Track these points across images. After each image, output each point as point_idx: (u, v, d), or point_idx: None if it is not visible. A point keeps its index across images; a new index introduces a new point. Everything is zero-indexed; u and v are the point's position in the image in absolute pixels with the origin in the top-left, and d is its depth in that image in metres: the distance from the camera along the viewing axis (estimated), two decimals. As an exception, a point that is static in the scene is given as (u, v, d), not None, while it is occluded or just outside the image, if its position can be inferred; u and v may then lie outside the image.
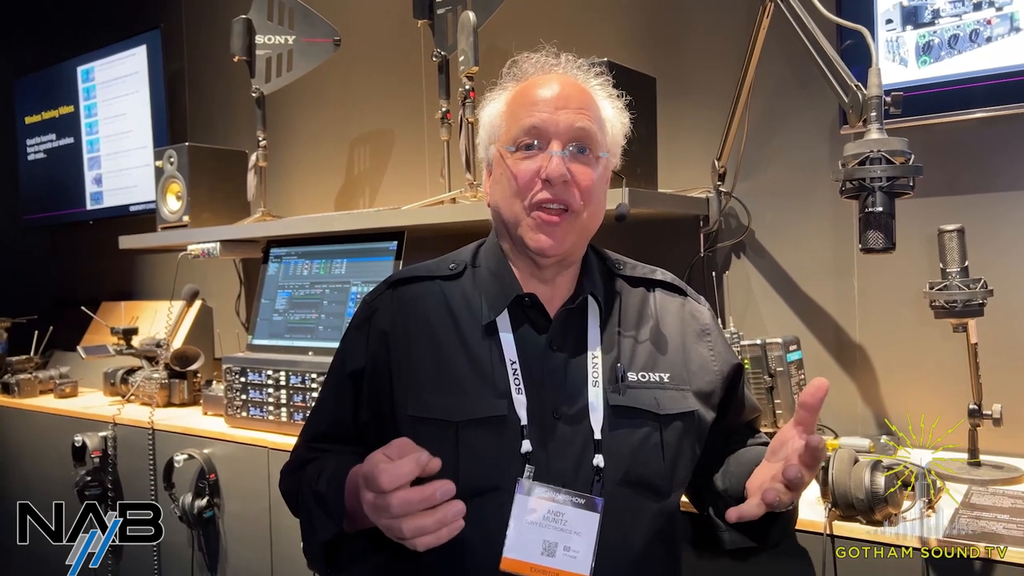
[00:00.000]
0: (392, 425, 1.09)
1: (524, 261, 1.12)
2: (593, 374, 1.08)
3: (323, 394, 1.23)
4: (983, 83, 1.60)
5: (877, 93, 1.11)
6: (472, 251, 1.20)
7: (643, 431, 1.09)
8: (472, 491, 1.00)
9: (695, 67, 2.02)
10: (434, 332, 1.11)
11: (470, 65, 1.93)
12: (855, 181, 1.09)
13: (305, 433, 1.24)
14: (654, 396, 1.10)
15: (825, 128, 1.84)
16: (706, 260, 1.97)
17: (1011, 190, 1.65)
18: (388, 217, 2.04)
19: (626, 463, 1.06)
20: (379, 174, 2.69)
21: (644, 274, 1.22)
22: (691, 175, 2.00)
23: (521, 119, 1.07)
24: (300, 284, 2.22)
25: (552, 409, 1.06)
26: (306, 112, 2.88)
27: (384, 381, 1.11)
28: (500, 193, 1.10)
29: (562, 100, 1.08)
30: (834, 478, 1.27)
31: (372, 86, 2.68)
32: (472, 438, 1.03)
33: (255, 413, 2.11)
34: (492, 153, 1.13)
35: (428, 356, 1.10)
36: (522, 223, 1.07)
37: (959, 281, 1.40)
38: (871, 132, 1.12)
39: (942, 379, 1.70)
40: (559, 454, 1.04)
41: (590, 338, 1.11)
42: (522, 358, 1.08)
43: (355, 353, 1.16)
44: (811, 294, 1.90)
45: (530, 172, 1.06)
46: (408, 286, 1.17)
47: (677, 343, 1.17)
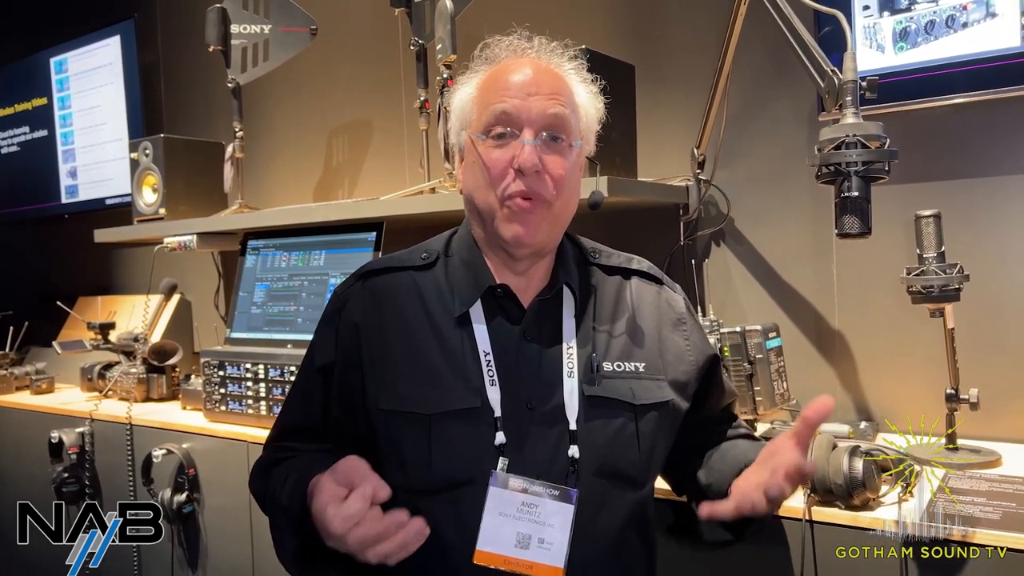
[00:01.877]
0: (364, 419, 1.08)
1: (497, 251, 1.10)
2: (568, 365, 1.07)
3: (293, 389, 1.20)
4: (960, 69, 1.60)
5: (852, 78, 1.11)
6: (445, 240, 1.17)
7: (618, 422, 1.08)
8: (446, 484, 1.00)
9: (674, 54, 2.02)
10: (407, 324, 1.09)
11: (448, 53, 1.91)
12: (831, 166, 1.09)
13: (275, 429, 1.21)
14: (629, 387, 1.09)
15: (804, 115, 1.84)
16: (686, 248, 1.97)
17: (988, 175, 1.65)
18: (366, 208, 2.02)
19: (601, 454, 1.05)
20: (358, 165, 2.66)
21: (620, 263, 1.20)
22: (670, 163, 1.99)
23: (491, 105, 1.05)
24: (278, 276, 2.20)
25: (526, 401, 1.04)
26: (284, 102, 2.84)
27: (355, 375, 1.09)
28: (472, 182, 1.08)
29: (534, 85, 1.05)
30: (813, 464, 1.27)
31: (350, 76, 2.65)
32: (445, 431, 1.02)
33: (234, 407, 2.08)
34: (464, 139, 1.11)
35: (400, 349, 1.07)
36: (496, 214, 1.05)
37: (936, 266, 1.40)
38: (846, 117, 1.11)
39: (920, 364, 1.71)
40: (533, 446, 1.03)
41: (565, 329, 1.09)
42: (496, 349, 1.06)
43: (325, 347, 1.13)
44: (790, 281, 1.90)
45: (502, 162, 1.03)
46: (379, 277, 1.14)
47: (653, 333, 1.16)
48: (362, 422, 1.08)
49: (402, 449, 1.03)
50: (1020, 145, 1.62)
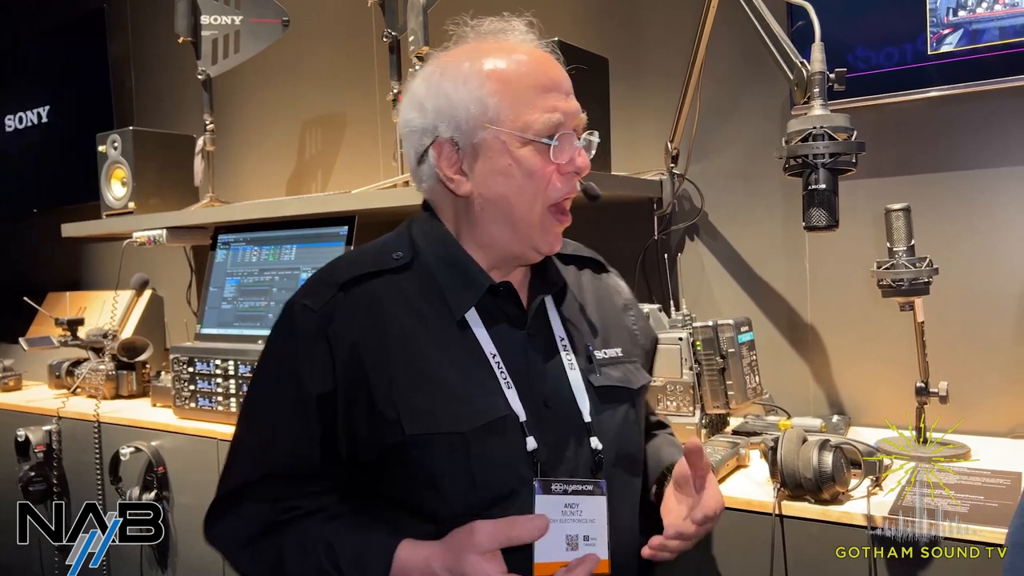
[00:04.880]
0: (379, 451, 0.95)
1: (487, 251, 1.03)
2: (568, 358, 1.05)
3: (259, 429, 1.01)
4: (932, 63, 1.60)
5: (820, 69, 1.10)
6: (406, 239, 1.06)
7: (623, 408, 1.08)
8: (491, 501, 0.94)
9: (648, 47, 2.01)
10: (407, 336, 0.97)
11: (420, 45, 1.88)
12: (798, 158, 1.08)
13: (236, 481, 1.01)
14: (622, 372, 1.09)
15: (776, 110, 1.84)
16: (660, 243, 1.97)
17: (959, 169, 1.66)
18: (338, 201, 1.99)
19: (615, 443, 1.04)
20: (331, 158, 2.63)
21: (573, 251, 1.18)
22: (644, 157, 1.99)
23: (541, 106, 0.97)
24: (249, 271, 2.17)
25: (543, 399, 1.00)
26: (255, 95, 2.81)
27: (362, 402, 0.95)
28: (510, 187, 0.97)
29: (566, 84, 1.00)
30: (782, 458, 1.27)
31: (323, 68, 2.62)
32: (483, 445, 0.94)
33: (204, 404, 2.05)
34: (482, 138, 0.97)
35: (408, 364, 0.96)
36: (536, 224, 0.99)
37: (905, 260, 1.41)
38: (814, 108, 1.11)
39: (892, 358, 1.72)
40: (559, 444, 1.00)
41: (553, 322, 1.07)
42: (501, 351, 1.00)
43: (316, 372, 0.96)
44: (763, 275, 1.90)
45: (551, 167, 0.97)
46: (363, 286, 1.00)
47: (616, 318, 1.16)
48: (374, 456, 0.95)
49: (439, 474, 0.94)
50: (989, 140, 1.63)
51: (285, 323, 1.02)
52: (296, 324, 1.00)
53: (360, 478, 0.98)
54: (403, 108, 1.04)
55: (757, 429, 1.71)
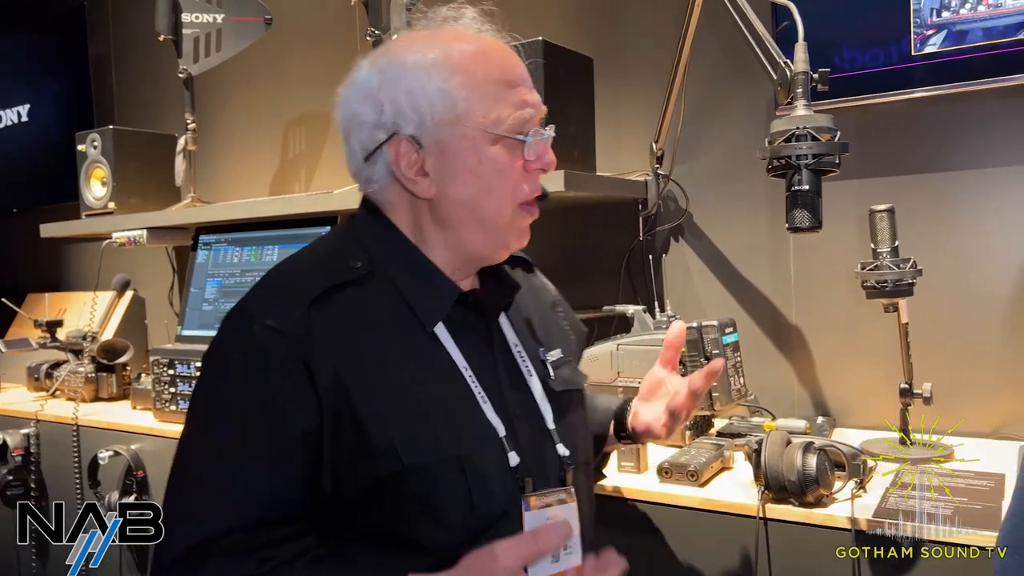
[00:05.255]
0: (368, 485, 0.86)
1: (451, 255, 0.97)
2: (524, 365, 1.02)
3: (233, 470, 0.85)
4: (916, 64, 1.60)
5: (804, 69, 1.09)
6: (358, 245, 0.96)
7: (577, 411, 1.07)
8: (487, 524, 0.89)
9: (633, 47, 2.00)
10: (385, 355, 0.90)
11: (403, 44, 1.87)
12: (781, 159, 1.07)
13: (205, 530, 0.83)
14: (569, 373, 1.08)
15: (761, 110, 1.84)
16: (644, 244, 1.96)
17: (944, 170, 1.66)
18: (321, 202, 1.97)
19: (576, 446, 1.03)
20: (314, 157, 2.61)
21: None
22: (629, 158, 1.98)
23: (511, 102, 0.92)
24: (230, 272, 2.15)
25: (513, 410, 0.97)
26: (238, 94, 2.78)
27: (348, 433, 0.85)
28: (479, 187, 0.92)
29: (528, 77, 0.97)
30: (766, 461, 1.27)
31: (306, 66, 2.60)
32: (479, 466, 0.90)
33: (184, 406, 2.03)
34: (450, 135, 0.91)
35: (393, 387, 0.89)
36: (507, 223, 0.95)
37: (889, 261, 1.40)
38: (797, 108, 1.10)
39: (876, 359, 1.71)
40: (531, 454, 0.96)
41: (505, 327, 1.04)
42: (471, 363, 0.95)
43: (299, 407, 0.85)
44: (748, 276, 1.90)
45: (520, 164, 0.93)
46: (331, 300, 0.89)
47: (549, 318, 1.14)
48: (360, 489, 0.87)
49: (439, 501, 0.87)
50: (973, 141, 1.63)
51: (245, 346, 0.87)
52: (263, 350, 0.86)
53: (338, 514, 0.88)
54: (348, 100, 0.95)
55: (742, 431, 1.70)
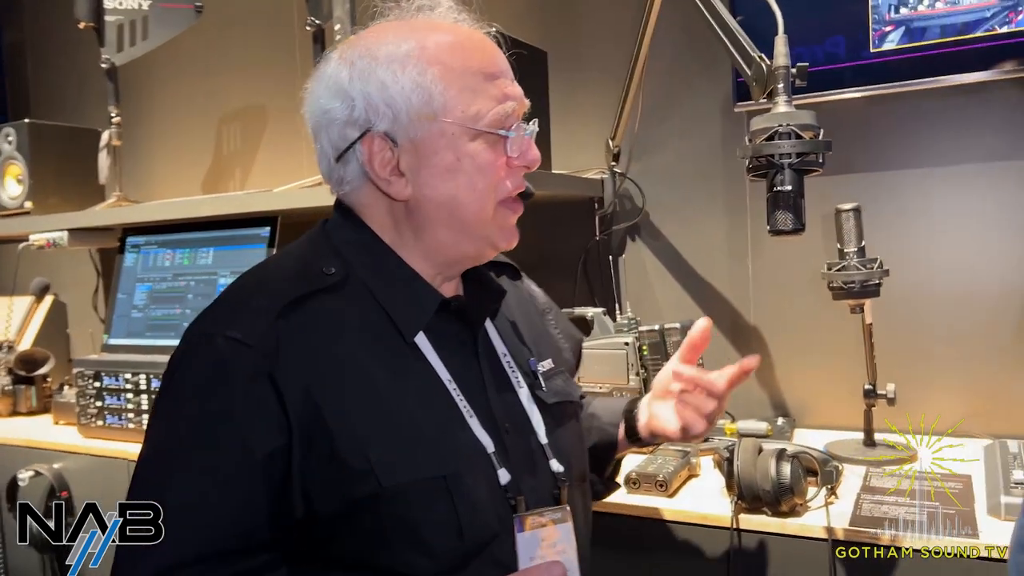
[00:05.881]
0: (342, 509, 0.80)
1: (431, 259, 0.91)
2: (514, 376, 0.96)
3: (195, 493, 0.79)
4: (876, 60, 1.58)
5: (784, 63, 1.04)
6: (330, 250, 0.91)
7: (571, 424, 1.01)
8: (477, 548, 0.83)
9: (590, 40, 1.94)
10: (361, 369, 0.83)
11: (347, 33, 1.77)
12: (763, 158, 1.02)
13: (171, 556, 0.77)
14: (561, 384, 1.02)
15: (718, 107, 1.80)
16: (601, 244, 1.90)
17: (902, 168, 1.65)
18: (260, 200, 1.86)
19: (571, 461, 0.97)
20: (251, 154, 2.48)
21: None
22: (585, 155, 1.92)
23: (491, 95, 0.87)
24: (161, 276, 2.01)
25: (503, 424, 0.90)
26: (168, 86, 2.62)
27: (321, 454, 0.79)
28: (459, 185, 0.87)
29: (509, 68, 0.91)
30: (739, 470, 1.22)
31: (241, 58, 2.46)
32: (463, 486, 0.83)
33: (112, 421, 1.89)
34: (427, 131, 0.86)
35: (370, 403, 0.82)
36: (491, 221, 0.89)
37: (856, 261, 1.38)
38: (778, 105, 1.05)
39: (836, 359, 1.70)
40: (524, 472, 0.90)
41: (492, 336, 0.98)
42: (455, 375, 0.89)
43: (264, 425, 0.79)
44: (706, 277, 1.86)
45: (502, 160, 0.88)
46: (301, 309, 0.83)
47: (538, 327, 1.08)
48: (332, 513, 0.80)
49: (423, 526, 0.81)
50: (932, 138, 1.62)
51: (207, 360, 0.82)
52: (226, 364, 0.80)
53: (311, 540, 0.82)
54: (317, 95, 0.89)
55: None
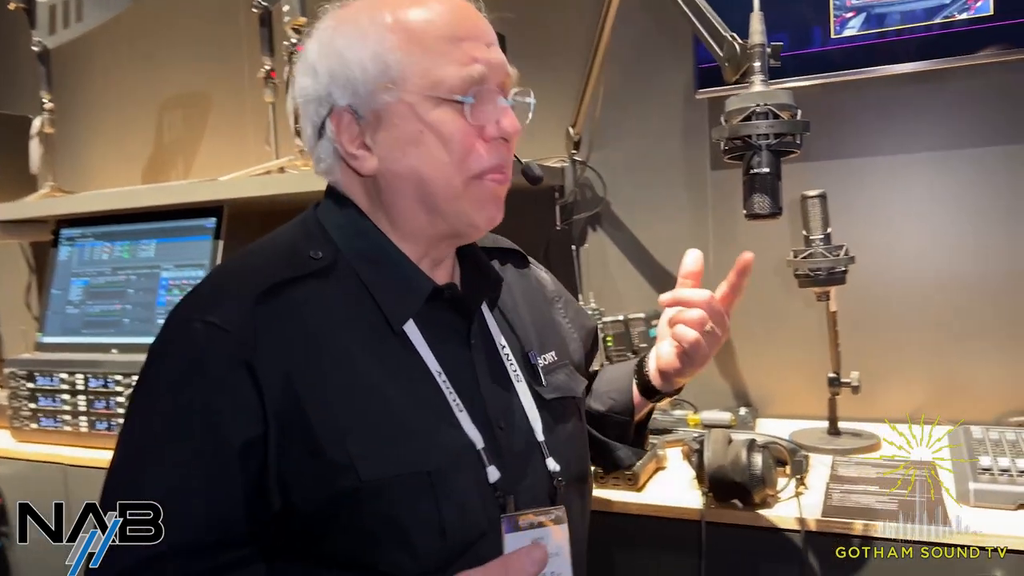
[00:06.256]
0: (323, 504, 0.76)
1: (421, 241, 0.87)
2: (512, 369, 0.91)
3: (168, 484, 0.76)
4: (835, 47, 1.57)
5: (760, 41, 1.01)
6: (320, 232, 0.88)
7: (572, 421, 0.97)
8: (462, 547, 0.79)
9: (550, 24, 1.89)
10: (345, 358, 0.80)
11: (296, 16, 1.70)
12: (739, 139, 0.99)
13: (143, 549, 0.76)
14: (564, 379, 0.98)
15: (679, 94, 1.77)
16: (563, 234, 1.86)
17: (862, 156, 1.65)
18: (204, 190, 1.77)
19: (569, 460, 0.92)
20: (195, 142, 2.37)
21: (493, 243, 1.05)
22: (544, 143, 1.87)
23: (455, 60, 0.81)
24: (99, 270, 1.90)
25: (495, 419, 0.86)
26: (105, 71, 2.49)
27: (300, 445, 0.76)
28: (422, 159, 0.82)
29: (486, 32, 0.84)
30: (709, 461, 1.20)
31: (184, 41, 2.35)
32: (449, 483, 0.79)
33: (47, 424, 1.78)
34: (385, 103, 0.82)
35: (353, 393, 0.79)
36: (463, 196, 0.84)
37: (823, 248, 1.36)
38: (755, 84, 1.01)
39: (796, 347, 1.69)
40: (517, 470, 0.86)
41: (491, 327, 0.93)
42: (445, 366, 0.85)
43: (239, 414, 0.76)
44: (667, 266, 1.84)
45: (472, 131, 0.83)
46: (284, 295, 0.80)
47: (545, 317, 1.04)
48: (313, 508, 0.77)
49: (405, 524, 0.77)
50: (893, 126, 1.62)
51: (183, 348, 0.79)
52: (202, 350, 0.77)
53: (292, 537, 0.78)
54: (297, 74, 0.87)
55: (667, 426, 1.64)
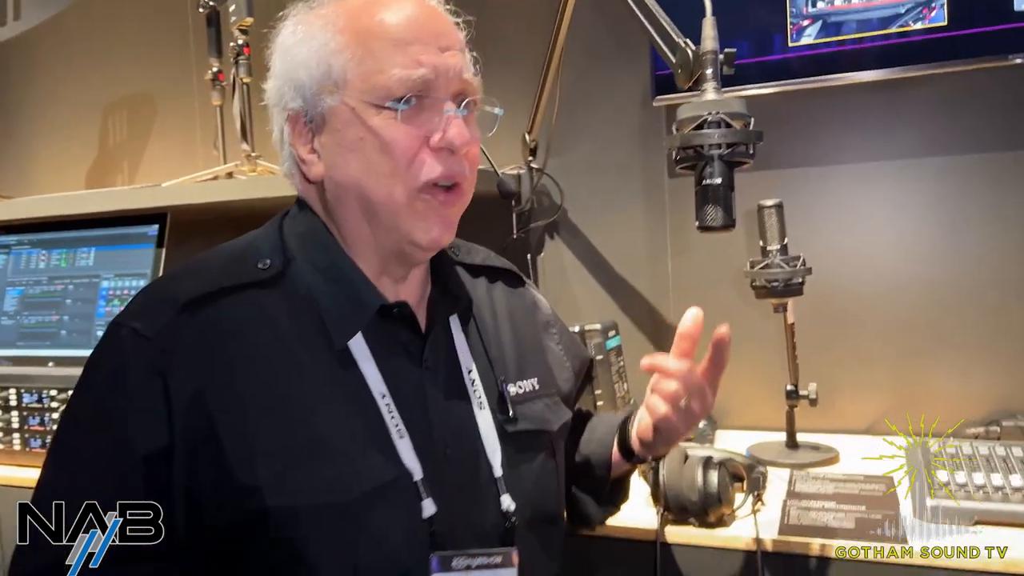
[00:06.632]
0: (230, 528, 0.73)
1: (374, 255, 0.83)
2: (476, 395, 0.86)
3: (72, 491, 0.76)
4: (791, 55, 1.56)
5: (712, 47, 0.98)
6: (276, 240, 0.84)
7: (540, 457, 0.90)
8: None
9: (504, 29, 1.85)
10: (273, 375, 0.76)
11: (242, 16, 1.64)
12: (690, 149, 0.96)
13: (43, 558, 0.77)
14: (539, 411, 0.92)
15: (636, 101, 1.75)
16: (519, 242, 1.82)
17: (819, 165, 1.63)
18: (146, 196, 1.69)
19: (531, 498, 0.87)
20: (141, 146, 2.29)
21: (484, 261, 1.00)
22: (500, 150, 1.83)
23: (399, 62, 0.77)
24: (35, 280, 1.81)
25: (443, 449, 0.81)
26: (45, 72, 2.40)
27: (209, 463, 0.73)
28: (362, 166, 0.78)
29: (443, 36, 0.80)
30: (665, 479, 1.16)
31: (128, 41, 2.27)
32: (368, 516, 0.74)
33: (-22, 442, 1.69)
34: (329, 107, 0.79)
35: (274, 413, 0.75)
36: (404, 210, 0.79)
37: (780, 259, 1.34)
38: (707, 92, 0.98)
39: (758, 359, 1.67)
40: (463, 506, 0.81)
41: (459, 348, 0.88)
42: (392, 389, 0.80)
43: (146, 423, 0.73)
44: (625, 275, 1.81)
45: (417, 139, 0.78)
46: (216, 305, 0.77)
47: (533, 342, 0.99)
48: (223, 535, 0.73)
49: (312, 558, 0.72)
50: (849, 135, 1.61)
51: (108, 351, 0.78)
52: (122, 354, 0.76)
53: (211, 559, 0.74)
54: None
55: (625, 439, 1.61)
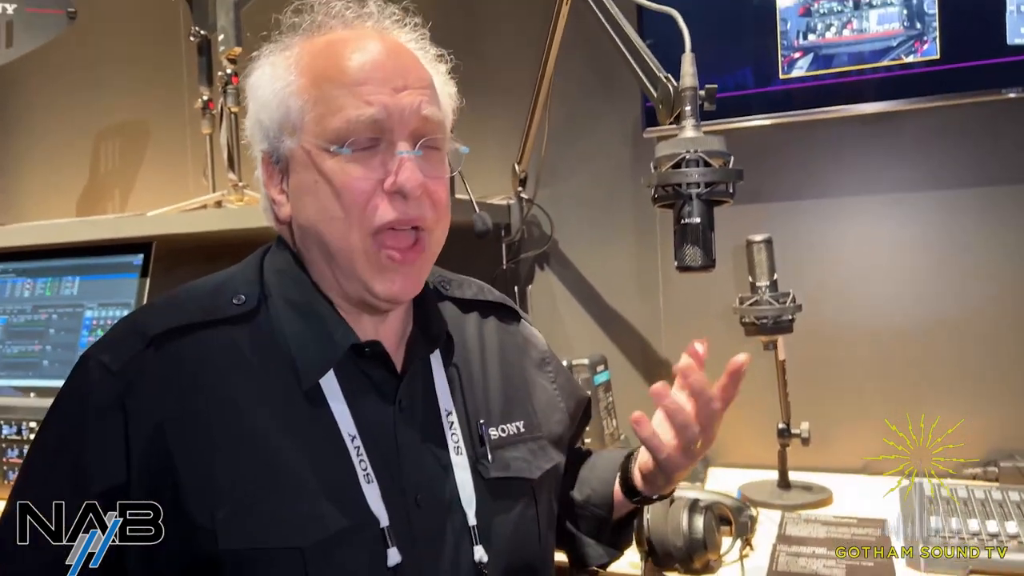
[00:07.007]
0: (184, 570, 0.72)
1: (342, 299, 0.82)
2: (453, 439, 0.83)
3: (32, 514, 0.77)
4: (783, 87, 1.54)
5: (692, 84, 0.96)
6: (255, 275, 0.83)
7: (520, 505, 0.86)
8: None
9: (496, 59, 1.85)
10: (237, 414, 0.75)
11: (231, 45, 1.63)
12: (669, 187, 0.94)
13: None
14: (521, 456, 0.88)
15: (627, 132, 1.73)
16: (509, 273, 1.80)
17: (811, 198, 1.61)
18: (131, 225, 1.68)
19: (507, 549, 0.83)
20: (131, 174, 2.28)
21: (475, 295, 0.97)
22: (490, 180, 1.82)
23: (349, 104, 0.75)
24: (19, 308, 1.79)
25: (414, 495, 0.78)
26: (37, 99, 2.41)
27: (166, 503, 0.72)
28: (317, 211, 0.77)
29: (399, 75, 0.78)
30: (649, 523, 1.12)
31: (121, 70, 2.27)
32: (327, 564, 0.72)
33: (-44, 474, 1.66)
34: (289, 149, 0.79)
35: (236, 453, 0.73)
36: (360, 259, 0.77)
37: (769, 296, 1.31)
38: (686, 129, 0.96)
39: (750, 395, 1.61)
40: (431, 555, 0.78)
41: (439, 389, 0.85)
42: (363, 431, 0.78)
43: (104, 458, 0.73)
44: (616, 308, 1.78)
45: (370, 182, 0.76)
46: (184, 340, 0.76)
47: (522, 381, 0.95)
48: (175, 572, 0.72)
49: None
50: (841, 168, 1.59)
51: (75, 384, 0.78)
52: (87, 387, 0.76)
53: None
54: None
55: (614, 477, 1.57)
